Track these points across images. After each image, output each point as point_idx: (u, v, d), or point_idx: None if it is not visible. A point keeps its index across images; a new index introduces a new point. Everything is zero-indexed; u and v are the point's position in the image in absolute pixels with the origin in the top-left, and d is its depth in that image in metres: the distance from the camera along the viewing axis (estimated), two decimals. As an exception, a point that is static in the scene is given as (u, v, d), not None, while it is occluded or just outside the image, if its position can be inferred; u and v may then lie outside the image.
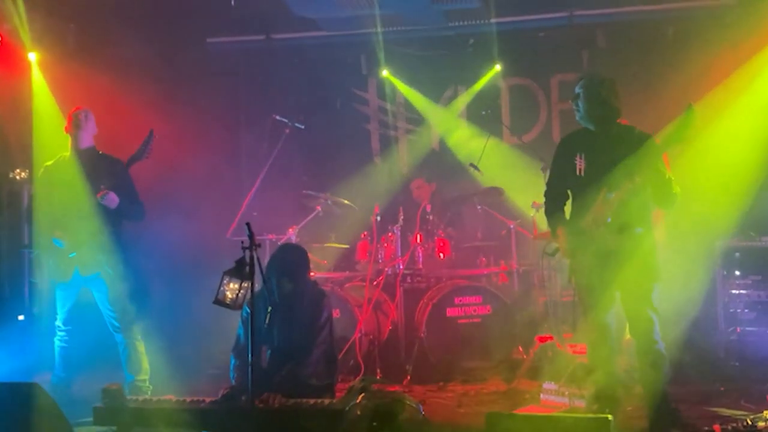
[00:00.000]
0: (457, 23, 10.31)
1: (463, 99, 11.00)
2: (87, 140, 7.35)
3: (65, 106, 7.90)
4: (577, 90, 5.96)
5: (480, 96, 10.77)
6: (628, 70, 9.72)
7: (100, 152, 7.42)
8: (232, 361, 6.33)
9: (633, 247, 5.73)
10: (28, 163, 8.87)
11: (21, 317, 8.64)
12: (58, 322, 7.40)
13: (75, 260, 7.15)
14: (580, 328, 8.06)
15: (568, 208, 6.14)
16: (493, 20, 9.95)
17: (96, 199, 7.02)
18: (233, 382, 6.17)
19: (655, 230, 5.97)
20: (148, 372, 7.43)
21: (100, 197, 7.00)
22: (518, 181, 9.77)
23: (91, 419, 5.83)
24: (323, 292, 6.56)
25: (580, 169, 5.91)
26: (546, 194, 6.23)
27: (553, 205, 6.14)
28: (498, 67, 10.57)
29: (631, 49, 10.26)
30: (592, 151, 5.92)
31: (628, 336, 6.32)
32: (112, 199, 7.06)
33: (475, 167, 9.27)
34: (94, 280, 7.25)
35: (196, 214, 9.39)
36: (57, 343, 7.42)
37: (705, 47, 9.12)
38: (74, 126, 7.29)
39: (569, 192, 6.07)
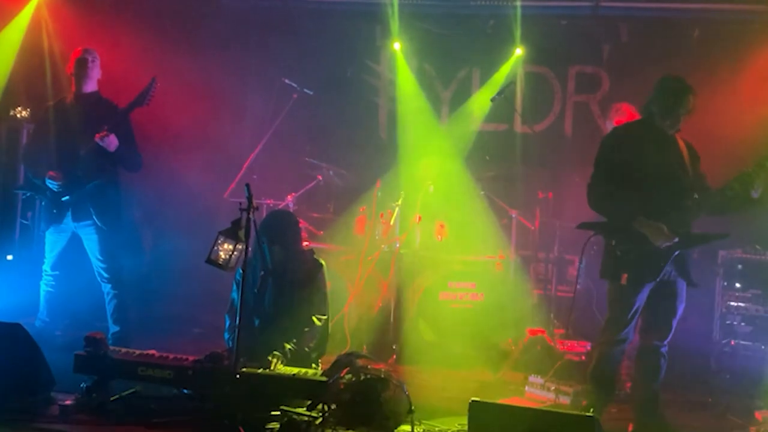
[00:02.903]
0: (478, 2, 10.30)
1: (487, 85, 10.90)
2: (91, 85, 7.39)
3: (69, 46, 7.90)
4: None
5: (494, 81, 10.75)
6: (648, 68, 9.69)
7: (103, 97, 7.46)
8: (227, 322, 6.41)
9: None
10: (29, 102, 8.90)
11: (10, 257, 8.70)
12: (46, 267, 7.47)
13: (67, 204, 7.19)
14: (577, 327, 8.22)
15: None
16: (516, 2, 9.93)
17: (94, 142, 7.05)
18: (228, 344, 6.25)
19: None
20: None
21: (99, 138, 7.02)
22: (524, 170, 9.80)
23: (71, 366, 5.90)
24: (320, 264, 6.63)
25: (659, 164, 5.94)
26: (609, 179, 6.02)
27: (623, 192, 5.95)
28: (519, 52, 10.54)
29: (653, 47, 10.20)
30: (667, 150, 6.00)
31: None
32: (111, 141, 7.07)
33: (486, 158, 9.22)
34: (86, 228, 7.30)
35: (194, 172, 9.43)
36: (43, 287, 7.49)
37: (731, 53, 9.14)
38: (79, 68, 7.31)
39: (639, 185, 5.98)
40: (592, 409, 5.82)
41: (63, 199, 7.16)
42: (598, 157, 6.10)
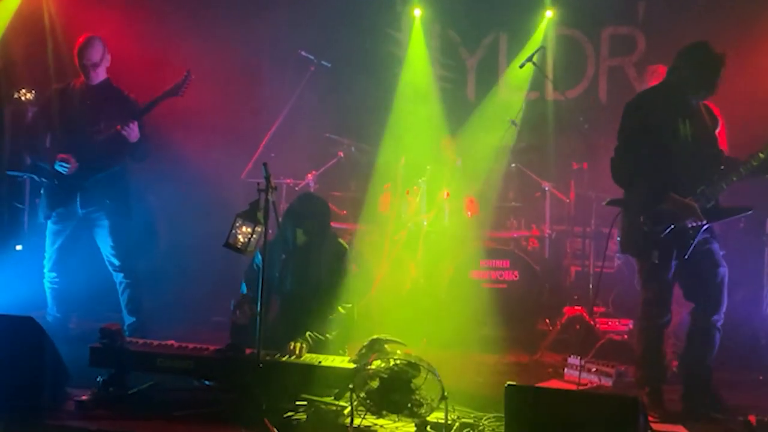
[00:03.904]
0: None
1: (515, 51, 10.80)
2: (101, 73, 7.37)
3: (71, 25, 7.89)
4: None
5: (523, 46, 10.67)
6: (687, 26, 9.57)
7: (114, 86, 7.44)
8: (243, 288, 6.42)
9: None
10: (32, 84, 8.92)
11: (19, 247, 8.73)
12: (46, 263, 7.45)
13: (76, 190, 7.19)
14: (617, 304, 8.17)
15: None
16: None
17: (113, 130, 7.06)
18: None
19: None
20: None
21: (122, 127, 7.03)
22: (557, 140, 9.74)
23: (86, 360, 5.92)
24: (344, 248, 6.61)
25: (686, 135, 5.91)
26: (635, 152, 6.00)
27: (651, 166, 5.94)
28: (549, 14, 10.44)
29: (691, 6, 10.08)
30: (695, 118, 5.97)
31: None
32: (133, 130, 7.08)
33: (514, 123, 9.21)
34: (95, 214, 7.29)
35: (209, 153, 9.42)
36: (46, 284, 7.48)
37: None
38: (85, 60, 7.27)
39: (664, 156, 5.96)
40: (648, 390, 5.94)
41: (73, 182, 7.15)
42: (621, 127, 6.07)
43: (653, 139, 5.89)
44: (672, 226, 5.80)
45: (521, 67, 8.78)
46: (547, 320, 8.33)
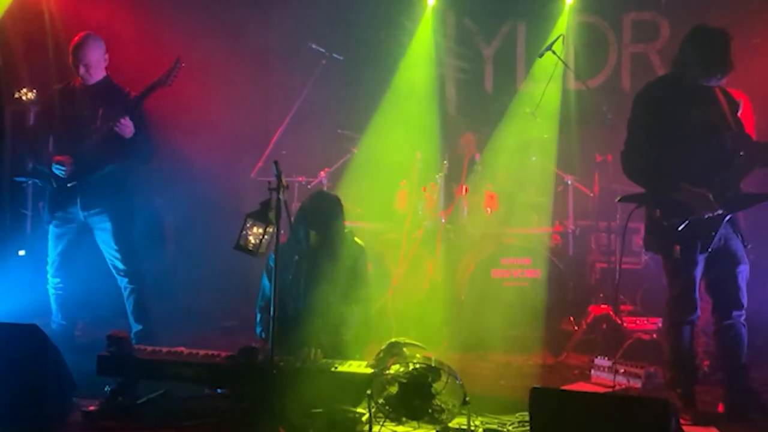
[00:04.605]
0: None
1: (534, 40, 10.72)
2: (98, 74, 7.33)
3: (78, 21, 7.88)
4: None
5: (542, 34, 10.60)
6: (712, 10, 9.46)
7: (115, 83, 7.42)
8: (258, 316, 6.38)
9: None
10: (33, 84, 8.92)
11: (22, 252, 8.73)
12: (49, 269, 7.42)
13: (76, 192, 7.17)
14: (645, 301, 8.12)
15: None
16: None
17: (107, 127, 7.02)
18: (260, 336, 6.24)
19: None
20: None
21: (114, 123, 7.01)
22: (580, 131, 9.68)
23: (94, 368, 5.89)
24: (361, 247, 6.58)
25: (698, 122, 5.88)
26: (645, 143, 5.98)
27: (661, 157, 5.92)
28: (569, 1, 10.39)
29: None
30: (707, 105, 5.93)
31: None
32: (126, 126, 7.01)
33: (534, 114, 9.16)
34: (97, 216, 7.26)
35: (218, 151, 9.42)
36: (50, 290, 7.46)
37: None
38: (81, 60, 7.21)
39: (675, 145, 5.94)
40: (679, 392, 5.92)
41: (69, 184, 7.13)
42: (630, 119, 6.07)
43: (663, 128, 5.89)
44: (688, 219, 5.75)
45: (540, 56, 8.73)
46: (572, 319, 8.28)
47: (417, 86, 10.78)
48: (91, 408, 5.64)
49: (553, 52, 8.50)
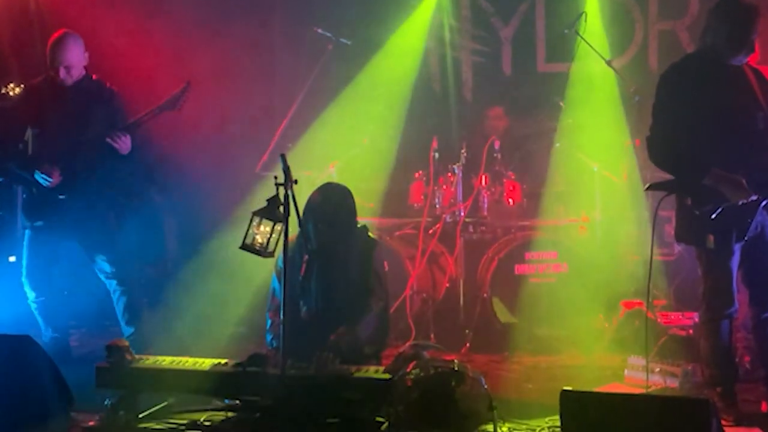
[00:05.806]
0: None
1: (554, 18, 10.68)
2: (78, 73, 7.28)
3: (65, 17, 7.88)
4: None
5: (564, 10, 10.55)
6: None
7: (94, 80, 7.38)
8: (268, 322, 6.35)
9: None
10: (21, 79, 8.92)
11: (12, 258, 8.72)
12: (25, 279, 7.37)
13: (65, 202, 7.11)
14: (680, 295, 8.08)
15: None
16: None
17: (95, 135, 7.02)
18: (270, 345, 6.20)
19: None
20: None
21: (111, 139, 6.96)
22: (606, 115, 9.63)
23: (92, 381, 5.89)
24: (374, 242, 6.54)
25: (727, 103, 5.84)
26: (672, 127, 5.95)
27: (690, 141, 5.88)
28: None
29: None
30: (738, 83, 5.89)
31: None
32: (125, 143, 7.01)
33: (557, 98, 9.13)
34: (79, 224, 7.20)
35: (219, 146, 9.41)
36: (31, 305, 7.43)
37: None
38: (58, 62, 7.16)
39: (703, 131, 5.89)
40: (719, 390, 5.89)
41: (60, 196, 7.09)
42: (655, 102, 6.04)
43: (689, 111, 5.85)
44: (721, 207, 5.69)
45: (562, 35, 8.70)
46: (602, 316, 8.24)
47: (432, 70, 10.76)
48: (91, 423, 5.66)
49: (576, 32, 8.47)
